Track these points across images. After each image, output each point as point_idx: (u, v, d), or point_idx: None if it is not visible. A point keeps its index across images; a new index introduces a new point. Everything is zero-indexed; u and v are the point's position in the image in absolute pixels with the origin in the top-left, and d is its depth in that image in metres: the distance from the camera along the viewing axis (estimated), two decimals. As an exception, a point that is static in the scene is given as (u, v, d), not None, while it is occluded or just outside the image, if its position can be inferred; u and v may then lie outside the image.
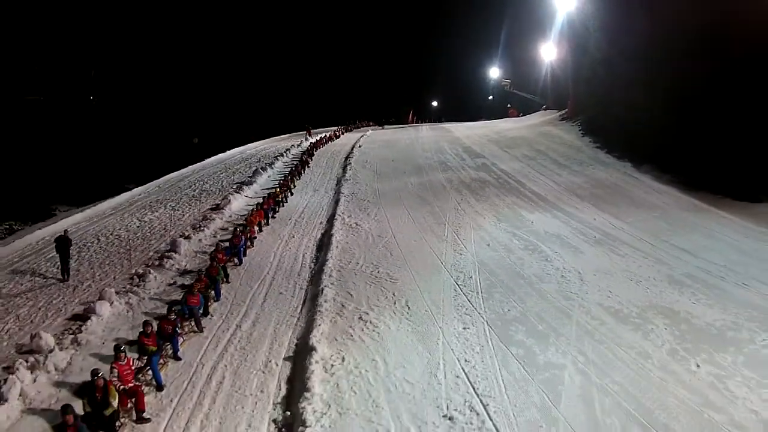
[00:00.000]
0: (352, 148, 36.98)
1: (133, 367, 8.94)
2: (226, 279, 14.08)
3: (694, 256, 13.96)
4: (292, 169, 30.05)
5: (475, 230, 17.28)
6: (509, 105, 59.06)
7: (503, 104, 61.25)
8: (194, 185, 28.68)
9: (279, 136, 51.58)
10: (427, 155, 32.25)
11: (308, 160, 33.35)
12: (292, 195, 24.85)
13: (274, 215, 21.08)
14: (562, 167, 25.80)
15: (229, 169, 33.34)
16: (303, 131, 50.14)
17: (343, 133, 50.21)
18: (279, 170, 31.27)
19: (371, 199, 22.71)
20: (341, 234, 17.57)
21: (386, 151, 35.03)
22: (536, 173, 25.10)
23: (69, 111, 64.92)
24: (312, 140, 43.24)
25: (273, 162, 33.36)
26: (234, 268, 15.20)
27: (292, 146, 39.91)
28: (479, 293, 12.36)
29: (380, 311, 11.66)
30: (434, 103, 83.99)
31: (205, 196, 25.63)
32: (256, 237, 18.06)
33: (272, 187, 25.00)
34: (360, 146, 37.91)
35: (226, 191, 25.99)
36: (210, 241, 18.10)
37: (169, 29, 74.31)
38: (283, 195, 23.59)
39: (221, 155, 39.39)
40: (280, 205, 22.39)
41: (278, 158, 34.78)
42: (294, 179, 27.69)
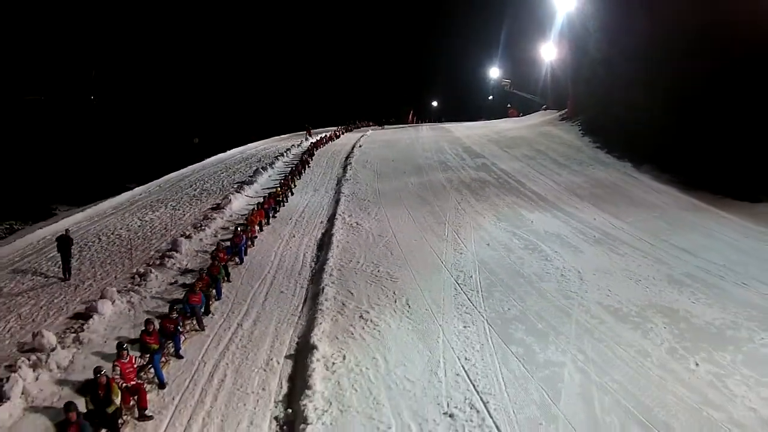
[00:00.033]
0: (353, 148, 37.03)
1: (135, 365, 9.01)
2: (227, 278, 14.14)
3: (694, 256, 14.00)
4: (292, 168, 30.09)
5: (475, 230, 17.33)
6: (509, 105, 59.08)
7: (503, 104, 61.26)
8: (195, 185, 28.72)
9: (279, 136, 51.57)
10: (427, 155, 32.30)
11: (308, 159, 33.39)
12: (292, 194, 24.89)
13: (275, 215, 21.13)
14: (562, 167, 25.85)
15: (229, 168, 33.37)
16: (303, 131, 50.14)
17: (343, 133, 50.23)
18: (279, 170, 31.30)
19: (372, 198, 22.74)
20: (342, 233, 17.61)
21: (386, 151, 35.07)
22: (536, 173, 25.15)
23: (70, 111, 65.03)
24: (312, 140, 43.27)
25: (273, 162, 33.40)
26: (235, 267, 15.25)
27: (292, 146, 39.95)
28: (479, 292, 12.41)
29: (381, 310, 11.71)
30: (434, 103, 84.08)
31: (206, 196, 25.67)
32: (257, 236, 18.11)
33: (273, 187, 25.05)
34: (360, 146, 37.95)
35: (227, 191, 26.03)
36: (211, 240, 18.15)
37: (169, 29, 74.55)
38: (283, 194, 23.63)
39: (221, 155, 39.42)
40: (280, 204, 22.44)
41: (278, 158, 34.82)
42: (294, 179, 27.74)
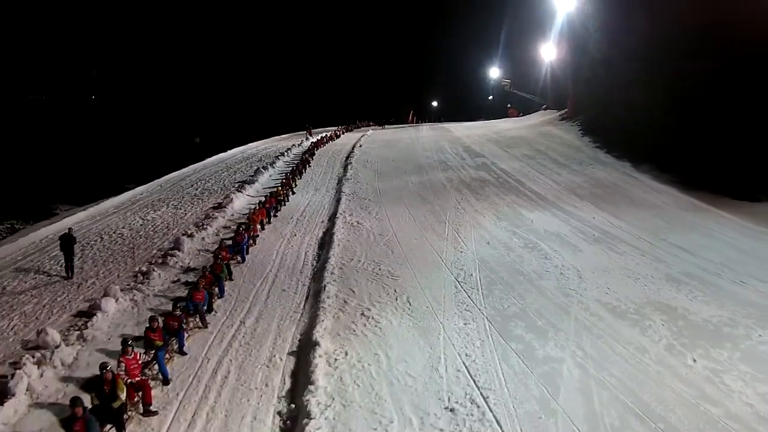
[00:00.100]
0: (353, 148, 37.15)
1: (140, 362, 9.08)
2: (229, 276, 14.24)
3: (692, 255, 14.11)
4: (293, 168, 30.18)
5: (475, 228, 17.43)
6: (509, 105, 59.20)
7: (503, 104, 61.38)
8: (196, 184, 28.79)
9: (279, 136, 51.66)
10: (427, 155, 32.41)
11: (309, 159, 33.50)
12: (293, 194, 24.99)
13: (276, 214, 21.22)
14: (561, 167, 25.95)
15: (230, 168, 33.46)
16: (303, 131, 50.26)
17: (343, 132, 50.36)
18: (280, 169, 31.40)
19: (372, 197, 22.84)
20: (343, 232, 17.71)
21: (387, 151, 35.18)
22: (536, 172, 25.25)
23: (71, 110, 65.12)
24: (313, 140, 43.38)
25: (274, 161, 33.50)
26: (237, 266, 15.34)
27: (293, 146, 40.05)
28: (479, 290, 12.51)
29: (382, 307, 11.81)
30: (434, 103, 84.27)
31: (207, 195, 25.76)
32: (258, 235, 18.21)
33: (274, 186, 25.13)
34: (361, 146, 38.07)
35: (228, 190, 26.13)
36: (213, 239, 18.24)
37: (170, 29, 74.65)
38: (284, 194, 23.73)
39: (222, 155, 39.48)
40: (281, 203, 22.54)
41: (279, 157, 34.92)
42: (295, 178, 27.84)
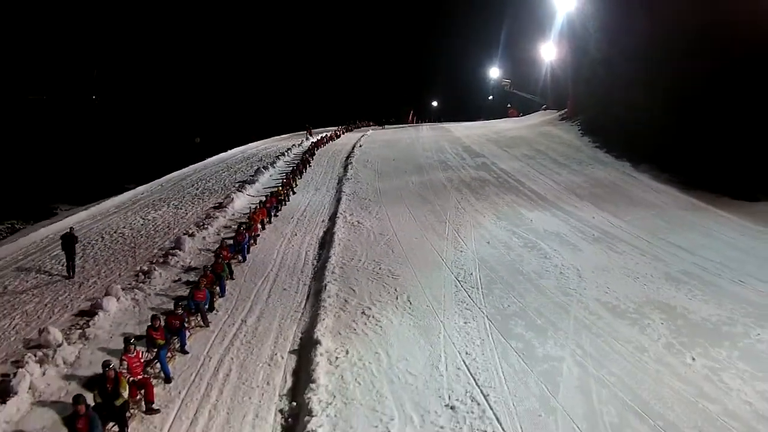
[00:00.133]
0: (353, 148, 37.20)
1: (142, 360, 9.13)
2: (230, 275, 14.31)
3: (691, 254, 14.16)
4: (293, 168, 30.24)
5: (475, 228, 17.48)
6: (509, 105, 59.25)
7: (503, 104, 61.43)
8: (197, 184, 28.86)
9: (279, 136, 51.72)
10: (427, 155, 32.46)
11: (309, 159, 33.55)
12: (294, 193, 25.05)
13: (277, 213, 21.28)
14: (561, 166, 26.01)
15: (231, 168, 33.53)
16: (303, 131, 50.31)
17: (343, 132, 50.40)
18: (281, 169, 31.46)
19: (372, 197, 22.89)
20: (343, 232, 17.77)
21: (387, 151, 35.23)
22: (536, 172, 25.30)
23: (71, 110, 65.19)
24: (313, 140, 43.43)
25: (274, 161, 33.57)
26: (238, 265, 15.40)
27: (293, 146, 40.12)
28: (479, 289, 12.57)
29: (382, 306, 11.86)
30: (434, 103, 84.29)
31: (208, 195, 25.82)
32: (259, 234, 18.26)
33: (274, 186, 25.21)
34: (361, 146, 38.11)
35: (229, 190, 26.20)
36: (214, 238, 18.30)
37: (171, 29, 74.74)
38: (285, 193, 23.78)
39: (223, 154, 39.56)
40: (282, 203, 22.59)
41: (280, 157, 34.99)
42: (296, 178, 27.90)
